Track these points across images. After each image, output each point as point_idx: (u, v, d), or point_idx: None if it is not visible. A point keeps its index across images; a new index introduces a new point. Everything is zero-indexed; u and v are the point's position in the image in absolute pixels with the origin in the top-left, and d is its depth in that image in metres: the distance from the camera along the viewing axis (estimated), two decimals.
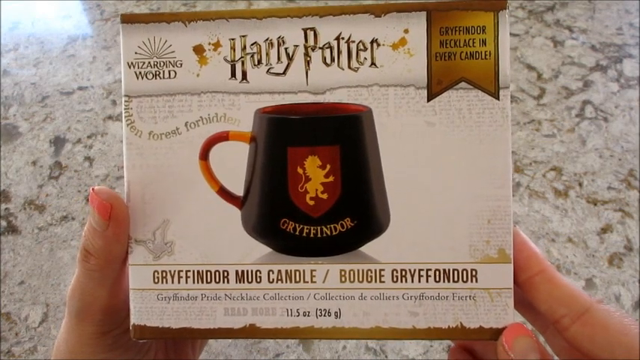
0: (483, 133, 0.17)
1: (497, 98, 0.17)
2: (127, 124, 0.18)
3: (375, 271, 0.17)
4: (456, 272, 0.17)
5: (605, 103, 0.79)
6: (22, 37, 1.00)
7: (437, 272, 0.17)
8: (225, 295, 0.17)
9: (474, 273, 0.17)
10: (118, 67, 0.91)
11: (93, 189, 0.19)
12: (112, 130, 0.79)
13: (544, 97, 0.81)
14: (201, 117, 0.17)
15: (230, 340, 0.50)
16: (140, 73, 0.17)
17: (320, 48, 0.17)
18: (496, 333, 0.17)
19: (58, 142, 0.78)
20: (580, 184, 0.67)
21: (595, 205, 0.64)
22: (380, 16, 0.16)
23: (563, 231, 0.61)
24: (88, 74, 0.90)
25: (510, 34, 0.96)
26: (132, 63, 0.17)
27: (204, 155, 0.17)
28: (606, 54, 0.87)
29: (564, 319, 0.16)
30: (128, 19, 0.17)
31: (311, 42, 0.16)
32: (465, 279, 0.17)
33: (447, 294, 0.17)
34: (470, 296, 0.17)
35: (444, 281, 0.17)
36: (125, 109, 0.17)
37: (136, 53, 0.17)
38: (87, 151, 0.76)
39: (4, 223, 0.66)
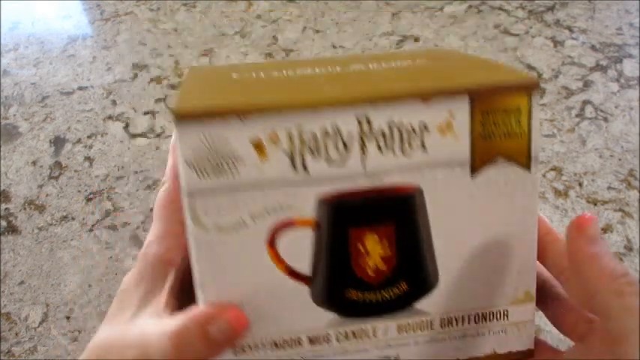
0: (516, 202, 0.19)
1: (530, 171, 0.19)
2: (193, 222, 0.18)
3: (427, 321, 0.20)
4: (491, 314, 0.21)
5: (605, 103, 0.79)
6: (22, 37, 1.00)
7: (477, 316, 0.21)
8: (300, 356, 0.20)
9: (505, 313, 0.21)
10: (117, 67, 0.91)
11: (234, 306, 0.18)
12: (111, 130, 0.79)
13: (544, 97, 0.81)
14: (265, 209, 0.18)
15: None
16: (201, 171, 0.17)
17: (374, 136, 0.18)
18: (522, 354, 0.21)
19: (58, 142, 0.78)
20: (580, 184, 0.67)
21: (595, 205, 0.64)
22: (427, 101, 0.18)
23: (563, 231, 0.61)
24: (88, 74, 0.90)
25: (510, 33, 0.95)
26: (191, 162, 0.17)
27: (272, 242, 0.18)
28: (606, 54, 0.87)
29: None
30: (182, 117, 0.17)
31: (366, 130, 0.18)
32: (498, 318, 0.21)
33: (484, 331, 0.21)
34: (502, 330, 0.21)
35: (482, 322, 0.21)
36: (190, 207, 0.18)
37: (194, 151, 0.17)
38: (87, 151, 0.76)
39: (4, 223, 0.66)
